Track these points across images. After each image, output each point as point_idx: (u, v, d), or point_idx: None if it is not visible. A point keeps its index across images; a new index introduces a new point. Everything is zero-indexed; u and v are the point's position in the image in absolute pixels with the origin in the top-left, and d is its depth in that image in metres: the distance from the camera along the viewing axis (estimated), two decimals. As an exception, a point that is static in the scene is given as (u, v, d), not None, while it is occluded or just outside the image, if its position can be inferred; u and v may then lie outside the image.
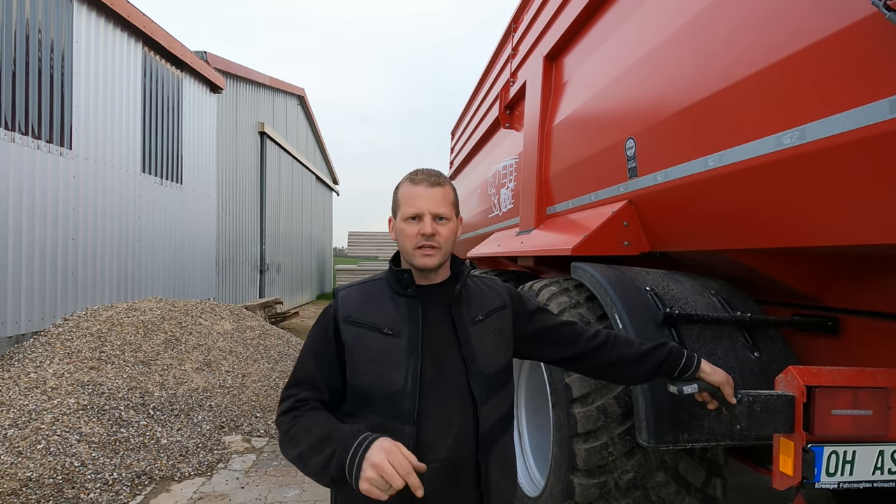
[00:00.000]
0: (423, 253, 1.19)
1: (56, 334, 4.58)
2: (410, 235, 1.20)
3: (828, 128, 1.23)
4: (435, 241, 1.19)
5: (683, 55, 1.79)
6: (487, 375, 1.24)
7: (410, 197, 1.21)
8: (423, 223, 1.18)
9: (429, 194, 1.20)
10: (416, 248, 1.19)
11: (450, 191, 1.24)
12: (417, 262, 1.20)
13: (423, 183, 1.21)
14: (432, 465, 1.16)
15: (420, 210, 1.19)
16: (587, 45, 2.71)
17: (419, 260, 1.20)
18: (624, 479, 1.78)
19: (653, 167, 1.98)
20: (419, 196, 1.20)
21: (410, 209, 1.20)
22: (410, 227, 1.20)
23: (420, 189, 1.20)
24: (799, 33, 1.31)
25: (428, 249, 1.19)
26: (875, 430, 1.31)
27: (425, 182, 1.21)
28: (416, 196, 1.20)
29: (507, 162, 3.97)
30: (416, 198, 1.20)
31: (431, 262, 1.20)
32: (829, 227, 1.36)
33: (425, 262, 1.19)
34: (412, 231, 1.19)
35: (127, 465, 3.26)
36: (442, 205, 1.20)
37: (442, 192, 1.21)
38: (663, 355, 1.35)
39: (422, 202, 1.19)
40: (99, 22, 5.71)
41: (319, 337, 1.24)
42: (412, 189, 1.21)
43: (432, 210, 1.19)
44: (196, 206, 7.90)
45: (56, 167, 5.01)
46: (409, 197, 1.21)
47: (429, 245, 1.19)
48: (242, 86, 10.38)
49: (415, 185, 1.21)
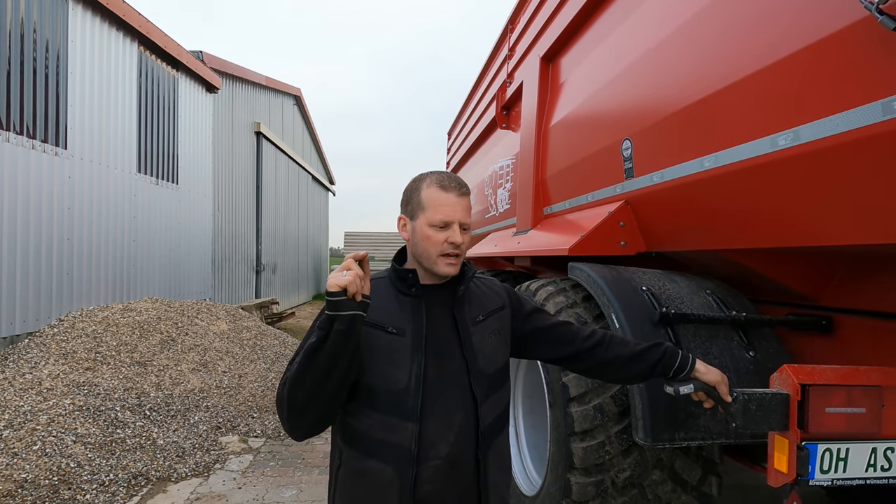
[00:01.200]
0: (448, 262, 1.20)
1: (51, 335, 4.55)
2: (437, 242, 1.19)
3: (822, 129, 1.24)
4: (459, 249, 1.20)
5: (679, 57, 1.81)
6: (488, 375, 1.25)
7: (442, 204, 1.19)
8: (451, 232, 1.19)
9: (460, 204, 1.20)
10: (441, 256, 1.19)
11: (470, 200, 1.27)
12: (440, 270, 1.20)
13: (454, 191, 1.20)
14: (434, 463, 1.17)
15: (451, 218, 1.19)
16: (584, 46, 2.72)
17: (443, 268, 1.20)
18: (621, 478, 1.80)
19: (649, 168, 1.99)
20: (451, 205, 1.19)
21: (440, 216, 1.18)
22: (438, 234, 1.19)
23: (451, 197, 1.19)
24: (793, 36, 1.33)
25: (453, 259, 1.20)
26: (868, 428, 1.33)
27: (456, 191, 1.20)
28: (448, 204, 1.19)
29: (503, 162, 3.98)
30: (447, 205, 1.19)
31: (455, 270, 1.21)
32: (823, 228, 1.37)
33: (449, 270, 1.20)
34: (439, 238, 1.19)
35: (123, 466, 3.25)
36: (468, 214, 1.23)
37: (468, 202, 1.23)
38: (658, 355, 1.37)
39: (453, 211, 1.19)
40: (94, 21, 5.68)
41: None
42: (442, 196, 1.20)
43: (461, 220, 1.20)
44: (192, 207, 7.87)
45: (51, 167, 4.99)
46: (440, 203, 1.19)
47: (454, 254, 1.20)
48: (238, 85, 10.35)
49: (445, 192, 1.20)
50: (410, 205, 1.24)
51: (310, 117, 15.88)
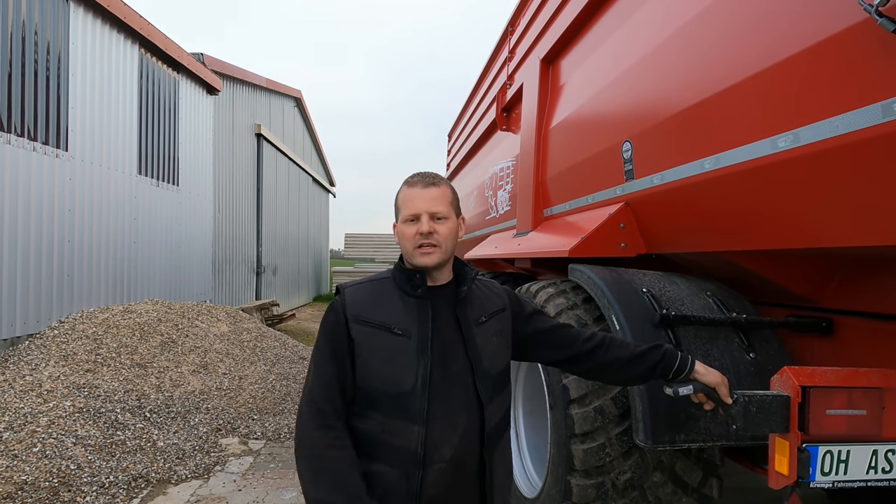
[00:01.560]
0: (422, 252, 1.21)
1: (51, 337, 4.55)
2: (410, 236, 1.22)
3: (822, 131, 1.25)
4: (434, 239, 1.21)
5: (679, 59, 1.81)
6: (492, 376, 1.26)
7: (408, 199, 1.24)
8: (420, 223, 1.21)
9: (424, 195, 1.23)
10: (416, 248, 1.22)
11: (447, 190, 1.27)
12: (417, 261, 1.22)
13: (419, 185, 1.24)
14: (438, 465, 1.17)
15: (417, 210, 1.22)
16: (584, 48, 2.73)
17: (419, 259, 1.22)
18: (621, 480, 1.79)
19: (649, 170, 1.99)
20: (415, 197, 1.23)
21: (408, 211, 1.23)
22: (409, 229, 1.23)
23: (416, 191, 1.24)
24: (792, 38, 1.33)
25: (427, 248, 1.21)
26: (869, 430, 1.33)
27: (420, 183, 1.25)
28: (413, 198, 1.23)
29: (504, 164, 3.98)
30: (412, 199, 1.23)
31: (430, 259, 1.22)
32: (823, 230, 1.37)
33: (424, 260, 1.22)
34: (411, 232, 1.22)
35: (123, 468, 3.25)
36: (438, 204, 1.23)
37: (438, 192, 1.24)
38: (657, 357, 1.37)
39: (418, 203, 1.22)
40: (95, 24, 5.69)
41: (331, 335, 1.23)
42: (409, 192, 1.25)
43: (429, 209, 1.22)
44: (192, 208, 7.88)
45: (52, 169, 4.99)
46: (407, 199, 1.24)
47: (427, 243, 1.21)
48: (239, 87, 10.37)
49: (411, 187, 1.25)
50: (395, 210, 1.30)
51: (310, 119, 15.89)
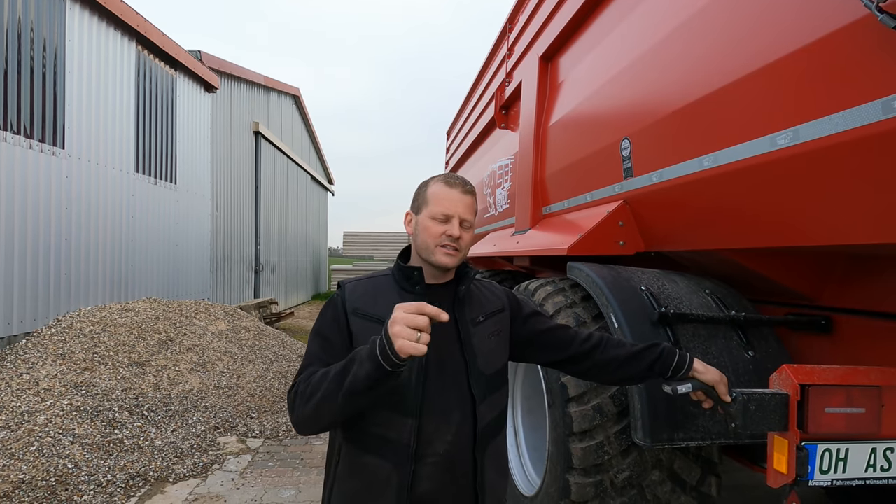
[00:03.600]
0: (446, 252, 1.22)
1: (49, 335, 4.54)
2: (435, 234, 1.23)
3: (821, 128, 1.24)
4: (458, 243, 1.23)
5: (678, 56, 1.80)
6: (486, 376, 1.26)
7: (444, 198, 1.24)
8: (451, 225, 1.22)
9: (462, 200, 1.25)
10: (439, 246, 1.22)
11: (475, 201, 1.30)
12: (437, 259, 1.23)
13: (459, 188, 1.26)
14: (431, 460, 1.18)
15: (452, 212, 1.23)
16: (582, 45, 2.72)
17: (439, 257, 1.22)
18: (620, 478, 1.79)
19: (648, 167, 1.99)
20: (453, 199, 1.24)
21: (441, 209, 1.23)
22: (437, 227, 1.23)
23: (455, 193, 1.25)
24: (792, 35, 1.32)
25: (451, 250, 1.23)
26: (868, 428, 1.33)
27: (460, 188, 1.26)
28: (450, 199, 1.24)
29: (502, 162, 3.98)
30: (449, 200, 1.24)
31: (451, 261, 1.23)
32: (822, 227, 1.37)
33: (445, 260, 1.22)
34: (438, 230, 1.23)
35: (121, 467, 3.24)
36: (470, 212, 1.26)
37: (472, 201, 1.27)
38: (655, 355, 1.37)
39: (454, 206, 1.24)
40: (92, 20, 5.67)
41: (328, 326, 1.24)
42: (447, 191, 1.25)
43: (462, 215, 1.24)
44: (190, 206, 7.86)
45: (48, 167, 4.97)
46: (442, 198, 1.24)
47: (452, 246, 1.23)
48: (237, 85, 10.33)
49: (450, 187, 1.26)
50: (417, 201, 1.30)
51: (308, 117, 15.86)
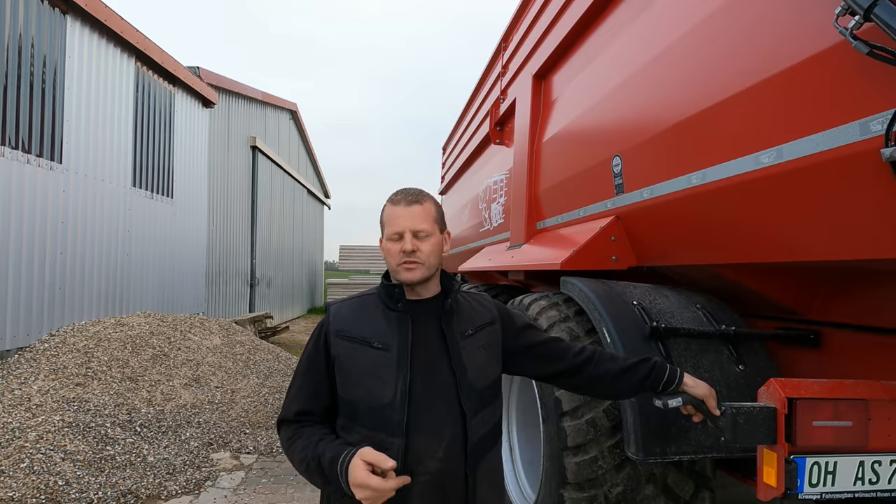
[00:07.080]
0: (406, 267, 1.24)
1: (42, 350, 4.51)
2: (394, 253, 1.25)
3: (803, 148, 1.28)
4: (416, 256, 1.24)
5: (666, 77, 1.85)
6: (477, 389, 1.26)
7: (391, 217, 1.27)
8: (403, 241, 1.24)
9: (407, 213, 1.26)
10: (399, 265, 1.25)
11: (430, 206, 1.29)
12: (401, 277, 1.25)
13: (402, 203, 1.27)
14: (422, 478, 1.17)
15: (400, 229, 1.25)
16: (575, 64, 2.78)
17: (403, 275, 1.25)
18: (614, 493, 1.79)
19: (639, 184, 2.02)
20: (399, 215, 1.26)
21: (391, 229, 1.26)
22: (394, 246, 1.25)
23: (399, 209, 1.27)
24: (775, 58, 1.37)
25: (410, 264, 1.24)
26: (855, 441, 1.34)
27: (403, 202, 1.27)
28: (396, 216, 1.26)
29: (497, 177, 4.02)
30: (396, 217, 1.26)
31: (413, 276, 1.24)
32: (806, 244, 1.40)
33: (408, 276, 1.24)
34: (395, 249, 1.25)
35: (112, 484, 3.21)
36: (421, 221, 1.26)
37: (420, 209, 1.27)
38: (646, 370, 1.38)
39: (400, 221, 1.25)
40: (92, 37, 5.73)
41: (309, 354, 1.29)
42: (392, 210, 1.28)
43: (411, 227, 1.25)
44: (186, 221, 7.86)
45: (45, 181, 4.99)
46: (390, 217, 1.27)
47: (410, 261, 1.24)
48: (235, 100, 10.42)
49: (394, 205, 1.28)
50: (380, 226, 1.33)
51: (305, 131, 15.96)
